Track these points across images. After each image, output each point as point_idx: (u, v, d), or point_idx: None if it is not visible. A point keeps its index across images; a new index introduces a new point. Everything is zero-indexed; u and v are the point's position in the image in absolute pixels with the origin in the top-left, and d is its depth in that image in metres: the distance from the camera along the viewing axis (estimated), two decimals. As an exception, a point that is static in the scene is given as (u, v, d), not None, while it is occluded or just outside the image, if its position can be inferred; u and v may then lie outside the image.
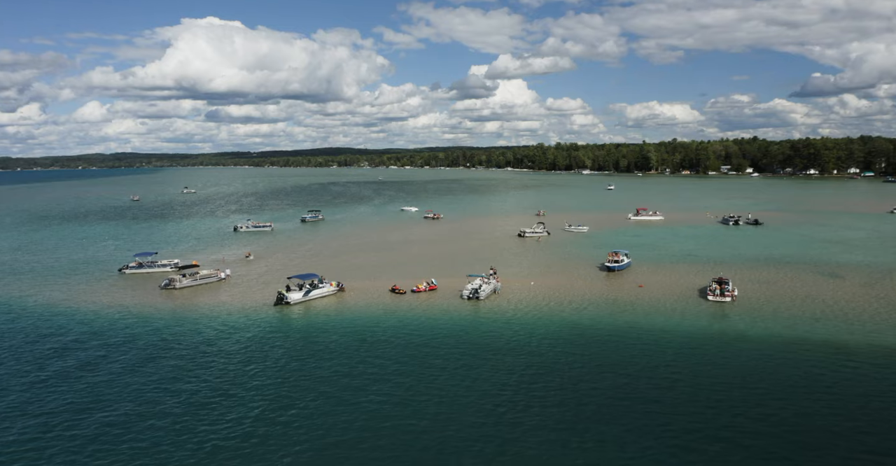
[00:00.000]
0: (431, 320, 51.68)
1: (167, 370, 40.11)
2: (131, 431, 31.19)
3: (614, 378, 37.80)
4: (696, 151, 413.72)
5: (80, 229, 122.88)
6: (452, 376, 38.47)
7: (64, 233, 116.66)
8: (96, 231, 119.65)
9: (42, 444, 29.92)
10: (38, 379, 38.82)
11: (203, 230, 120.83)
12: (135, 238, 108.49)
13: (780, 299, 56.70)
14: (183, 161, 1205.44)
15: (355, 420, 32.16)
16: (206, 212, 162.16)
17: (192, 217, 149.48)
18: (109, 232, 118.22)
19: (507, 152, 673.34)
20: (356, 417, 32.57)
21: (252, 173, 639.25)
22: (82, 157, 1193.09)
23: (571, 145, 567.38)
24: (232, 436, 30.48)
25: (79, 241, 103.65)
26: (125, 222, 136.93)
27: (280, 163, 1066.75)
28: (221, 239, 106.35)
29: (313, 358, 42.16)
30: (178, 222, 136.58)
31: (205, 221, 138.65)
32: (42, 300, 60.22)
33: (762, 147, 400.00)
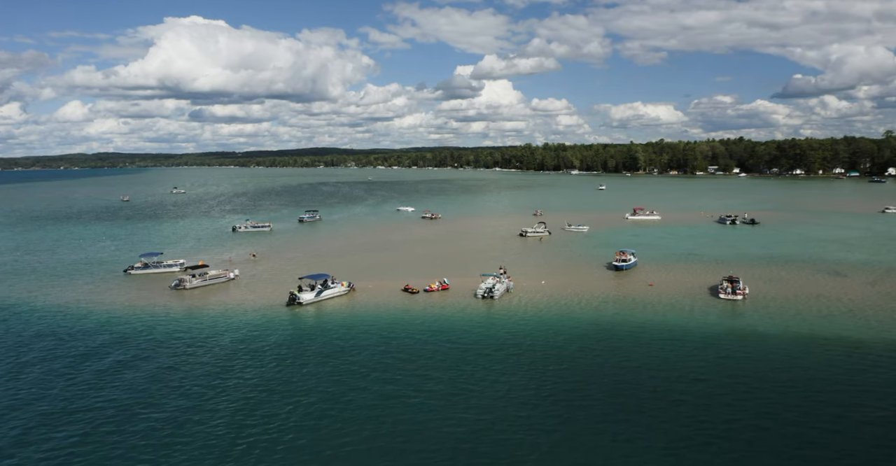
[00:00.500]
0: (448, 319, 51.90)
1: (200, 369, 40.09)
2: (183, 428, 31.23)
3: (639, 373, 38.34)
4: (683, 152, 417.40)
5: (75, 229, 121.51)
6: (478, 373, 38.72)
7: (59, 233, 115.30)
8: (92, 231, 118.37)
9: (93, 441, 29.78)
10: (79, 379, 38.63)
11: (200, 230, 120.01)
12: (132, 238, 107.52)
13: (789, 297, 57.57)
14: (167, 161, 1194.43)
15: (392, 416, 32.37)
16: (201, 213, 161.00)
17: (186, 217, 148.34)
18: (106, 232, 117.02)
19: (494, 152, 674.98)
20: (393, 413, 32.79)
21: (239, 173, 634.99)
22: (64, 157, 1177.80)
23: (559, 145, 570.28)
24: (278, 431, 30.62)
25: (76, 242, 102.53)
26: (120, 222, 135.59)
27: (266, 164, 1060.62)
28: (221, 239, 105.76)
29: (339, 357, 42.23)
30: (174, 222, 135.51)
31: (200, 221, 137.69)
32: (53, 301, 59.59)
33: (748, 147, 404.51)
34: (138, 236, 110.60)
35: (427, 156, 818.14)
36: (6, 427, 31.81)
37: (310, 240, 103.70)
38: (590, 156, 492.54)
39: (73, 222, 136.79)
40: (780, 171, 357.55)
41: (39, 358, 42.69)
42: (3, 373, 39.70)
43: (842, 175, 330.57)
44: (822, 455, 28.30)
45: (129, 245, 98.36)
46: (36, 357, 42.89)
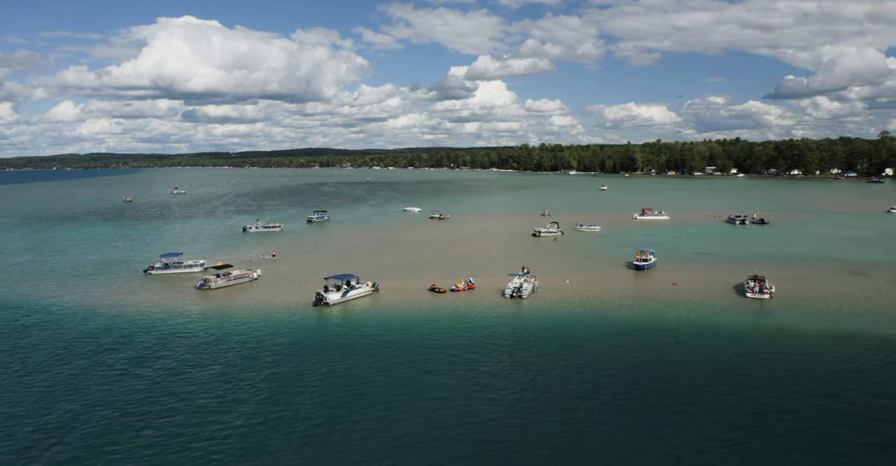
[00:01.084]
0: (481, 318, 52.04)
1: (239, 368, 40.17)
2: (230, 425, 31.18)
3: (679, 370, 38.73)
4: (681, 152, 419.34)
5: (84, 230, 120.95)
6: (518, 372, 38.94)
7: (68, 234, 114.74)
8: (101, 232, 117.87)
9: (134, 438, 29.78)
10: (134, 378, 38.62)
11: (210, 230, 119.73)
12: (144, 239, 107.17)
13: (815, 296, 58.01)
14: (160, 161, 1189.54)
15: (437, 415, 32.53)
16: (206, 213, 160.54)
17: (193, 217, 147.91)
18: (115, 232, 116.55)
19: (491, 153, 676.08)
20: (446, 409, 32.95)
21: (235, 174, 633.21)
22: (56, 158, 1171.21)
23: (556, 146, 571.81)
24: (322, 427, 30.73)
25: (88, 242, 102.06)
26: (128, 223, 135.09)
27: (261, 164, 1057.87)
28: (233, 239, 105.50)
29: (376, 355, 42.29)
30: (183, 223, 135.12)
31: (209, 222, 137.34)
32: (80, 300, 59.36)
33: (745, 148, 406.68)
34: (150, 236, 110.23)
35: (423, 157, 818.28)
36: (80, 428, 31.74)
37: (323, 240, 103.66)
38: (587, 157, 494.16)
39: (80, 222, 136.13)
40: (778, 172, 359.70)
41: (86, 357, 42.55)
42: (59, 373, 39.58)
43: (839, 175, 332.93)
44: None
45: (142, 245, 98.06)
46: (81, 356, 42.75)
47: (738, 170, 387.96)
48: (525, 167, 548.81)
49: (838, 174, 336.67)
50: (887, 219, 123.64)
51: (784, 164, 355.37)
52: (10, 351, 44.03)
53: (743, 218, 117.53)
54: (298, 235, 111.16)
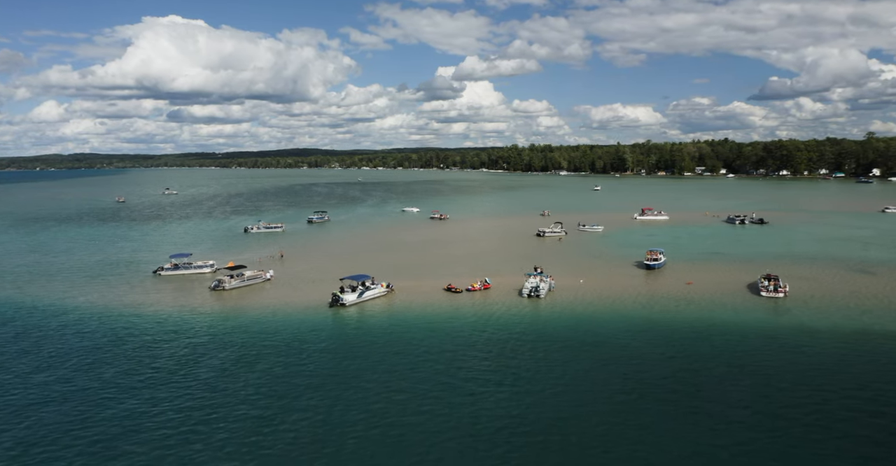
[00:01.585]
0: (501, 317, 52.28)
1: (266, 367, 40.17)
2: (271, 425, 31.17)
3: (706, 366, 39.18)
4: (670, 153, 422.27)
5: (83, 231, 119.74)
6: (546, 369, 39.18)
7: (67, 234, 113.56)
8: (101, 232, 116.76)
9: (207, 438, 29.73)
10: (169, 379, 38.44)
11: (211, 231, 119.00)
12: (146, 239, 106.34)
13: (826, 294, 58.84)
14: (145, 162, 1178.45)
15: (475, 411, 32.70)
16: (203, 214, 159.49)
17: (191, 218, 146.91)
18: (116, 233, 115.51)
19: (480, 153, 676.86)
20: (476, 409, 33.12)
21: (223, 174, 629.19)
22: (39, 158, 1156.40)
23: (546, 147, 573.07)
24: (363, 427, 30.78)
25: (90, 243, 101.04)
26: (126, 223, 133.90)
27: (248, 164, 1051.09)
28: (235, 240, 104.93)
29: (401, 355, 42.34)
30: (181, 223, 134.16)
31: (208, 222, 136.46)
32: (94, 301, 58.90)
33: (734, 148, 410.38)
34: (151, 237, 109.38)
35: (412, 157, 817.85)
36: (150, 428, 31.52)
37: (327, 241, 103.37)
38: (577, 157, 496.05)
39: (77, 223, 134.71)
40: (767, 172, 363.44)
41: (124, 359, 42.25)
42: (85, 374, 39.25)
43: (828, 176, 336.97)
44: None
45: (145, 246, 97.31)
46: (117, 358, 42.43)
47: (727, 170, 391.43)
48: (515, 167, 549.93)
49: (826, 174, 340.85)
50: (884, 219, 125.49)
51: (773, 165, 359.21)
52: (36, 352, 43.64)
53: (742, 218, 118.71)
54: (301, 236, 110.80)
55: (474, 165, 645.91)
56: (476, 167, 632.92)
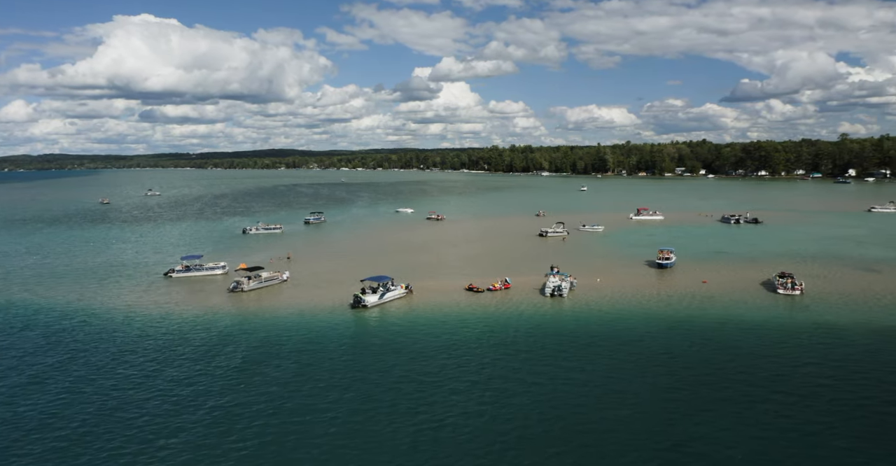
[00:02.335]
0: (530, 316, 52.75)
1: (296, 369, 40.06)
2: (308, 424, 31.11)
3: (746, 361, 40.00)
4: (650, 154, 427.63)
5: (76, 233, 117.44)
6: (589, 366, 39.70)
7: (60, 237, 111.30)
8: (94, 234, 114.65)
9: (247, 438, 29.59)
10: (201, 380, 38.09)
11: (208, 232, 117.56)
12: (143, 241, 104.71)
13: (842, 292, 60.27)
14: (117, 162, 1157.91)
15: (530, 408, 33.06)
16: (195, 215, 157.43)
17: (183, 219, 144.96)
18: (110, 235, 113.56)
19: (461, 154, 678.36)
20: (533, 406, 33.45)
21: (200, 175, 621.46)
22: (7, 159, 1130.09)
23: (527, 147, 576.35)
24: (400, 428, 30.86)
25: (87, 245, 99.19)
26: (118, 225, 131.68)
27: (224, 165, 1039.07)
28: (235, 241, 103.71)
29: (432, 357, 42.21)
30: (175, 225, 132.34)
31: (202, 224, 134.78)
32: (111, 304, 57.92)
33: (713, 149, 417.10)
34: (149, 239, 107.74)
35: (392, 158, 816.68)
36: (195, 429, 31.16)
37: (330, 242, 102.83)
38: (558, 158, 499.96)
39: (68, 225, 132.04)
40: (746, 173, 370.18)
41: (157, 360, 41.69)
42: (120, 375, 38.69)
43: (805, 176, 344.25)
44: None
45: (145, 247, 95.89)
46: (141, 360, 41.85)
47: (706, 170, 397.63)
48: (496, 168, 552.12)
49: (804, 175, 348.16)
50: (872, 218, 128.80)
51: (751, 165, 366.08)
52: (67, 353, 42.86)
53: (737, 217, 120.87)
54: (301, 237, 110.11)
55: (455, 166, 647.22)
56: (457, 168, 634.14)
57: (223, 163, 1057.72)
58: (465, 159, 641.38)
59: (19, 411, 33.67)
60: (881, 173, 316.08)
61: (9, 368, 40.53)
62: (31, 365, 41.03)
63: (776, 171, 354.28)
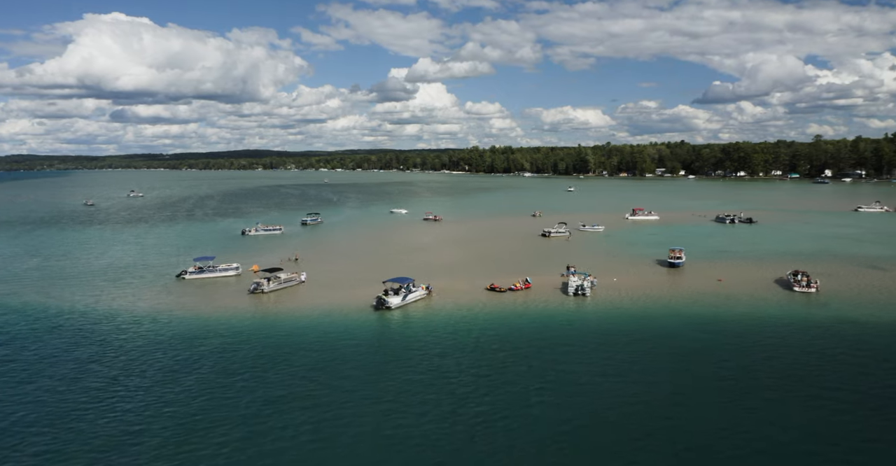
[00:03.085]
0: (563, 315, 53.38)
1: (329, 371, 39.98)
2: (344, 429, 31.11)
3: (786, 358, 40.96)
4: (631, 154, 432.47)
5: (69, 235, 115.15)
6: (631, 363, 40.32)
7: (54, 239, 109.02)
8: (88, 236, 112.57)
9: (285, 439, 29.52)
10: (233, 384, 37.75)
11: (205, 234, 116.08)
12: (143, 243, 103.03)
13: (854, 289, 61.89)
14: (89, 163, 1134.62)
15: (577, 405, 33.49)
16: (185, 216, 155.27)
17: (176, 221, 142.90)
18: (104, 237, 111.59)
19: (441, 155, 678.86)
20: (579, 401, 33.86)
21: (177, 176, 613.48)
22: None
23: (507, 148, 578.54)
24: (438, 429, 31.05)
25: (85, 247, 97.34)
26: (110, 226, 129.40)
27: (199, 166, 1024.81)
28: (235, 242, 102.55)
29: (472, 355, 42.51)
30: (170, 226, 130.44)
31: (196, 225, 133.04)
32: (130, 306, 57.06)
33: (692, 150, 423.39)
34: (147, 240, 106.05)
35: (371, 159, 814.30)
36: (233, 432, 30.90)
37: (333, 243, 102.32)
38: (539, 159, 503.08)
39: (58, 227, 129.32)
40: (725, 173, 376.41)
41: (182, 365, 41.23)
42: (150, 379, 38.19)
43: (783, 177, 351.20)
44: None
45: (147, 249, 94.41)
46: (177, 364, 41.37)
47: (686, 171, 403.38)
48: (477, 169, 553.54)
49: (782, 175, 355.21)
50: (860, 217, 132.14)
51: (731, 166, 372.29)
52: (105, 354, 42.19)
53: (732, 217, 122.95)
54: (301, 238, 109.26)
55: (435, 167, 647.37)
56: (437, 169, 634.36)
57: (198, 164, 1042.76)
58: (445, 160, 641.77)
59: (92, 420, 33.08)
60: (857, 173, 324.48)
61: (53, 371, 39.78)
62: (74, 368, 40.38)
63: (755, 172, 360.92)
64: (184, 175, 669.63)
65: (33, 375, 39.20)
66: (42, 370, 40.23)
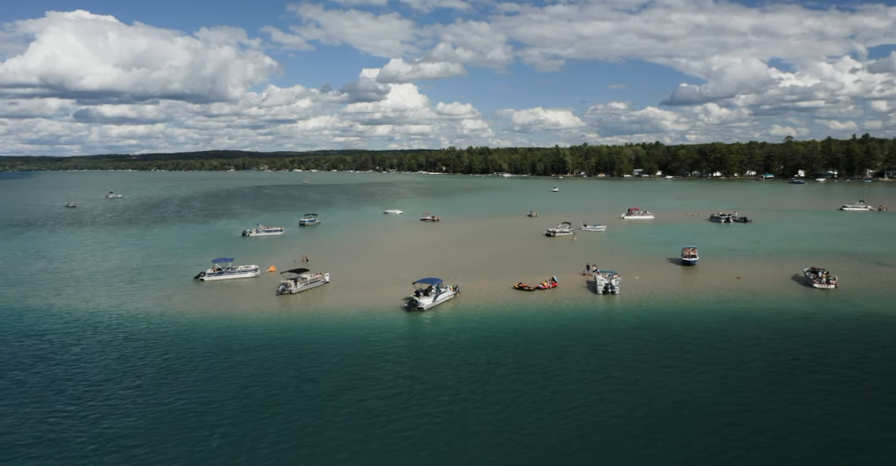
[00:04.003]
0: (600, 313, 54.15)
1: (376, 372, 40.14)
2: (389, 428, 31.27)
3: (819, 349, 42.19)
4: (608, 155, 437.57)
5: (64, 237, 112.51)
6: (680, 358, 41.10)
7: (48, 241, 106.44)
8: (83, 239, 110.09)
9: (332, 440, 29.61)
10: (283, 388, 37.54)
11: (205, 235, 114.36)
12: (142, 244, 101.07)
13: (870, 285, 63.76)
14: (53, 164, 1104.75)
15: (620, 408, 33.99)
16: (175, 218, 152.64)
17: (168, 222, 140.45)
18: (103, 239, 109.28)
19: (418, 155, 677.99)
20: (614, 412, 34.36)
21: (148, 177, 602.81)
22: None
23: (484, 149, 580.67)
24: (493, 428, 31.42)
25: (84, 249, 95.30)
26: (103, 228, 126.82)
27: (168, 167, 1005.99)
28: (237, 243, 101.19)
29: (518, 355, 42.75)
30: (165, 228, 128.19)
31: (192, 227, 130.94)
32: (160, 308, 56.17)
33: (668, 151, 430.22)
34: (146, 242, 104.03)
35: (347, 160, 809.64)
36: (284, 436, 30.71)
37: (334, 243, 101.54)
38: (517, 160, 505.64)
39: (50, 229, 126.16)
40: (701, 174, 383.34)
41: (224, 368, 40.78)
42: (199, 380, 37.72)
43: (759, 177, 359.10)
44: None
45: (151, 250, 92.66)
46: (227, 365, 40.94)
47: (663, 172, 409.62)
48: (455, 169, 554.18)
49: (757, 176, 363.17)
50: (849, 216, 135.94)
51: (707, 167, 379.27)
52: (143, 354, 41.47)
53: (727, 216, 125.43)
54: (303, 239, 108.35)
55: (412, 167, 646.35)
56: (413, 169, 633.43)
57: (168, 165, 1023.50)
58: (421, 161, 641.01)
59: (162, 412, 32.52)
60: (829, 174, 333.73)
61: (111, 373, 39.03)
62: (120, 367, 39.72)
63: (730, 172, 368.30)
64: (154, 176, 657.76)
65: (84, 373, 38.53)
66: (90, 369, 39.59)
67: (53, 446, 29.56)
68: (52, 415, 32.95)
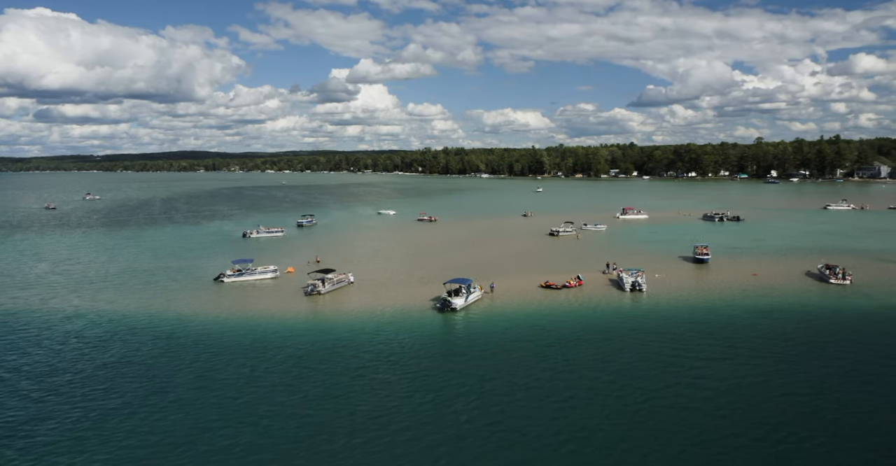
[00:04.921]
0: (628, 310, 55.15)
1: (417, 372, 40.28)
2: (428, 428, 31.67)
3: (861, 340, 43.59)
4: (585, 156, 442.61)
5: (58, 239, 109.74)
6: (725, 350, 42.05)
7: (43, 242, 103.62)
8: (79, 240, 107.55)
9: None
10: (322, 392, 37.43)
11: (204, 237, 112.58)
12: (143, 245, 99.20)
13: (883, 280, 65.92)
14: (13, 165, 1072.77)
15: (677, 404, 34.83)
16: (164, 219, 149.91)
17: (159, 224, 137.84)
18: (100, 240, 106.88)
19: (393, 156, 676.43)
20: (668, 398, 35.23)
21: (116, 178, 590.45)
22: None
23: (460, 149, 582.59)
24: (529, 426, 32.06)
25: (84, 250, 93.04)
26: (97, 230, 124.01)
27: (135, 168, 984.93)
28: (239, 245, 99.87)
29: (559, 353, 43.08)
30: (159, 229, 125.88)
31: (187, 228, 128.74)
32: (188, 309, 55.26)
33: (643, 152, 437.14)
34: (145, 243, 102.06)
35: (321, 160, 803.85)
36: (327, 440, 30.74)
37: (337, 244, 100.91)
38: (494, 160, 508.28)
39: (38, 232, 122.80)
40: (677, 174, 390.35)
41: (269, 371, 40.51)
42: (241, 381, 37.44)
43: (733, 177, 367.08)
44: None
45: (156, 252, 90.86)
46: (264, 371, 40.62)
47: (639, 172, 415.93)
48: (431, 170, 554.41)
49: (731, 176, 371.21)
50: (834, 215, 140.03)
51: (682, 167, 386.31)
52: (181, 356, 40.92)
53: (721, 215, 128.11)
54: (303, 240, 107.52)
55: (387, 168, 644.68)
56: (389, 170, 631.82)
57: (134, 166, 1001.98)
58: (397, 161, 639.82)
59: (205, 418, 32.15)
60: (801, 174, 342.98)
61: (161, 380, 38.42)
62: (163, 370, 39.18)
63: (705, 172, 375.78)
64: (122, 177, 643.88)
65: (128, 376, 37.92)
66: (134, 372, 39.00)
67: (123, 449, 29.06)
68: (127, 420, 32.35)
